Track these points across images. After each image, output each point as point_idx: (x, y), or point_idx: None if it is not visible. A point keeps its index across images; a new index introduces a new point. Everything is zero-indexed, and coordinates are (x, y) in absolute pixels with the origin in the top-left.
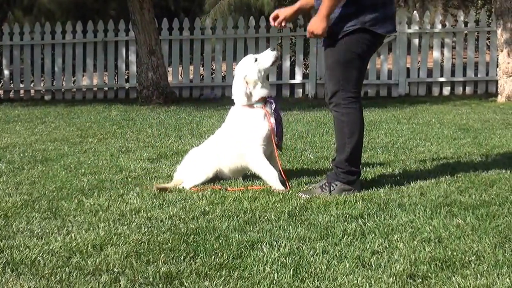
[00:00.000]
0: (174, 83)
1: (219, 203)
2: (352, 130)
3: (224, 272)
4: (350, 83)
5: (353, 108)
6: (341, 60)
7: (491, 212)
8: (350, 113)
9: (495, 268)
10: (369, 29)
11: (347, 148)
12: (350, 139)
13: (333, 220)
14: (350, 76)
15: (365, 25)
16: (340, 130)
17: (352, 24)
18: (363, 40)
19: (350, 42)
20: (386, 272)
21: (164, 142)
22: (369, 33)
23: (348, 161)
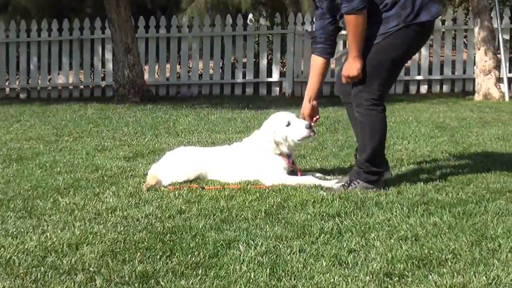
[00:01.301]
0: (151, 81)
1: (196, 202)
2: (372, 132)
3: (201, 271)
4: (376, 86)
5: (375, 110)
6: (372, 62)
7: (467, 210)
8: (371, 114)
9: (472, 266)
10: (413, 23)
11: (368, 149)
12: (371, 140)
13: (310, 219)
14: (378, 79)
15: (408, 21)
16: (362, 131)
17: (394, 25)
18: (404, 40)
19: (387, 45)
20: (363, 270)
21: (140, 140)
22: (413, 27)
23: (369, 162)
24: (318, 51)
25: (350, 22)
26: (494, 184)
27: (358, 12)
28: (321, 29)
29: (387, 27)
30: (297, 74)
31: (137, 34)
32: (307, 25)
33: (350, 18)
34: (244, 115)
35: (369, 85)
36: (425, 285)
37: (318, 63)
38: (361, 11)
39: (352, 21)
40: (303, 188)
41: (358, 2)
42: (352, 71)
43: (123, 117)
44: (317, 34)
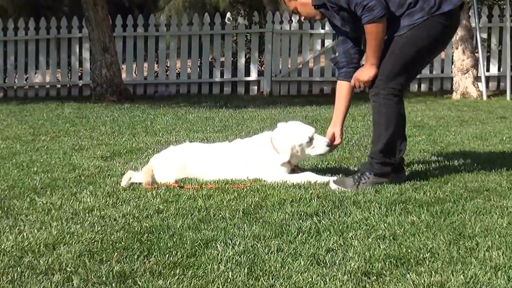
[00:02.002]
0: (128, 80)
1: (173, 202)
2: (388, 122)
3: (178, 270)
4: (397, 77)
5: (392, 100)
6: (396, 53)
7: (445, 209)
8: (388, 104)
9: (450, 265)
10: (437, 14)
11: (382, 139)
12: (386, 131)
13: (288, 218)
14: (400, 70)
15: (432, 12)
16: (377, 121)
17: (419, 17)
18: (429, 32)
19: (412, 36)
20: (341, 269)
21: (117, 140)
22: (438, 19)
23: (382, 152)
24: (342, 75)
25: (371, 31)
26: (472, 183)
27: (378, 20)
28: (343, 53)
29: (412, 20)
30: (275, 73)
31: (114, 33)
32: (285, 24)
33: (372, 27)
34: (222, 114)
35: (390, 76)
36: (403, 284)
37: (343, 87)
38: (381, 20)
39: (373, 30)
40: (281, 187)
41: (378, 11)
42: (365, 76)
43: (101, 116)
44: (339, 59)
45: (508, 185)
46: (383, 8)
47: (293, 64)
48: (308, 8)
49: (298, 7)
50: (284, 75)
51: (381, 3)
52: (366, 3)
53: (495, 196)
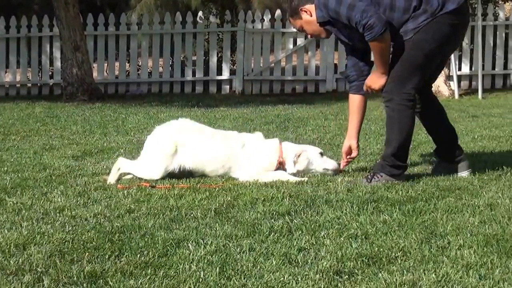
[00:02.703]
0: (100, 79)
1: (145, 201)
2: (401, 127)
3: (150, 270)
4: (409, 82)
5: (406, 106)
6: (405, 58)
7: (417, 208)
8: (402, 110)
9: (421, 264)
10: (441, 14)
11: (394, 143)
12: (398, 135)
13: (260, 217)
14: (410, 75)
15: (436, 13)
16: (390, 125)
17: (423, 19)
18: (435, 34)
19: (419, 40)
20: (313, 269)
21: (89, 139)
22: (443, 20)
23: (394, 156)
24: (353, 89)
25: (375, 46)
26: (444, 182)
27: (380, 37)
28: (353, 67)
29: (417, 23)
30: (247, 72)
31: (85, 31)
32: (257, 23)
33: (375, 44)
34: (194, 114)
35: (402, 81)
36: (375, 283)
37: (355, 101)
38: (383, 35)
39: (377, 46)
40: (253, 187)
41: (379, 28)
42: (375, 85)
43: (72, 115)
44: (349, 72)
45: (479, 183)
46: (382, 24)
47: (265, 63)
48: (314, 26)
49: (303, 26)
50: (256, 74)
51: (380, 19)
52: (365, 22)
53: (467, 194)
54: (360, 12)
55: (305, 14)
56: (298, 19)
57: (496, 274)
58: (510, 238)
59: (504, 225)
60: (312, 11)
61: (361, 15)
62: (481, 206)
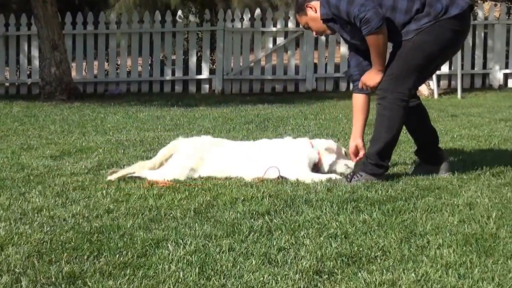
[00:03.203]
0: (78, 78)
1: (124, 201)
2: (391, 125)
3: (129, 271)
4: (404, 82)
5: (398, 105)
6: (404, 57)
7: (397, 207)
8: (394, 109)
9: (401, 263)
10: (444, 18)
11: (381, 141)
12: (387, 134)
13: (240, 217)
14: (408, 75)
15: (439, 17)
16: (379, 123)
17: (426, 21)
18: (437, 37)
19: (420, 41)
20: (293, 268)
21: (67, 139)
22: (446, 24)
23: (378, 155)
24: (357, 88)
25: (372, 42)
26: (423, 181)
27: (376, 31)
28: (356, 66)
29: (419, 24)
30: (227, 71)
31: (64, 30)
32: (236, 22)
33: (371, 38)
34: (173, 113)
35: (399, 81)
36: (355, 283)
37: (359, 100)
38: (379, 30)
39: (373, 40)
40: (233, 186)
41: (375, 22)
42: (371, 82)
43: (50, 115)
44: (352, 72)
45: (458, 183)
46: (379, 19)
47: (245, 62)
48: (318, 23)
49: (309, 22)
50: (236, 73)
51: (377, 14)
52: (362, 16)
53: (446, 194)
54: (359, 6)
55: (311, 10)
56: (303, 16)
57: (475, 273)
58: (489, 238)
59: (483, 224)
60: (317, 7)
61: (359, 9)
62: (461, 206)
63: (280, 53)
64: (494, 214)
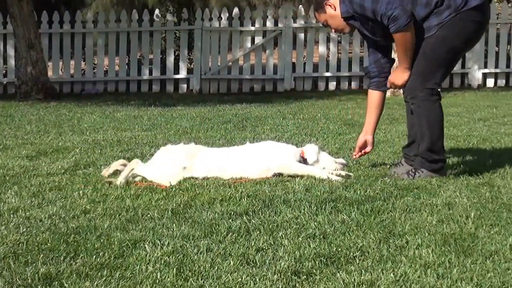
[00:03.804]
0: (55, 78)
1: (101, 202)
2: (430, 121)
3: (106, 272)
4: (431, 77)
5: (430, 100)
6: (428, 53)
7: (375, 207)
8: (427, 105)
9: (380, 264)
10: (465, 10)
11: (426, 138)
12: (429, 130)
13: (218, 218)
14: (434, 71)
15: (459, 9)
16: (419, 121)
17: (447, 15)
18: (459, 30)
19: (443, 36)
20: (271, 269)
21: (43, 139)
22: (467, 16)
23: (429, 150)
24: (373, 85)
25: (399, 39)
26: (402, 181)
27: (404, 29)
28: (374, 63)
29: (441, 18)
30: (204, 71)
31: (40, 29)
32: (214, 21)
33: (399, 36)
34: (151, 113)
35: (425, 77)
36: (333, 283)
37: (375, 97)
38: (407, 28)
39: (401, 38)
40: (211, 186)
41: (404, 20)
42: (399, 80)
43: (26, 115)
44: (370, 68)
45: (437, 183)
46: (407, 16)
47: (223, 61)
48: (338, 21)
49: (328, 20)
50: (214, 73)
51: (405, 11)
52: (390, 14)
53: (425, 194)
54: (385, 4)
55: (330, 8)
56: (322, 13)
57: (454, 273)
58: (468, 237)
59: (462, 224)
60: (336, 5)
61: (386, 7)
62: (439, 205)
63: (259, 53)
64: (472, 214)
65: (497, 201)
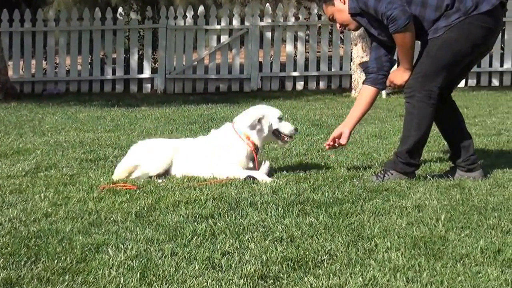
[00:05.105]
0: (15, 77)
1: (62, 205)
2: (420, 124)
3: (68, 276)
4: (433, 79)
5: (427, 103)
6: (433, 55)
7: (344, 210)
8: (422, 107)
9: (348, 267)
10: (474, 14)
11: (410, 140)
12: (416, 132)
13: (183, 221)
14: (435, 72)
15: (469, 13)
16: (409, 122)
17: (456, 18)
18: (468, 34)
19: (450, 39)
20: (237, 273)
21: (3, 140)
22: (476, 21)
23: (409, 153)
24: (369, 80)
25: (399, 40)
26: (371, 183)
27: (403, 29)
28: (375, 59)
29: (449, 21)
30: (169, 70)
31: (0, 28)
32: (179, 19)
33: (398, 36)
34: (114, 113)
35: (427, 78)
36: (301, 287)
37: (367, 92)
38: (406, 28)
39: (400, 39)
40: (176, 189)
41: (402, 21)
42: (398, 80)
43: None
44: (370, 64)
45: (407, 184)
46: (406, 17)
47: (188, 61)
48: (344, 15)
49: (334, 14)
50: (179, 72)
51: (404, 12)
52: (389, 14)
53: (394, 196)
54: (386, 3)
55: (339, 1)
56: (330, 6)
57: (423, 277)
58: (438, 240)
59: (432, 226)
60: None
61: (386, 7)
62: (409, 208)
63: (224, 52)
64: (443, 216)
65: (467, 203)
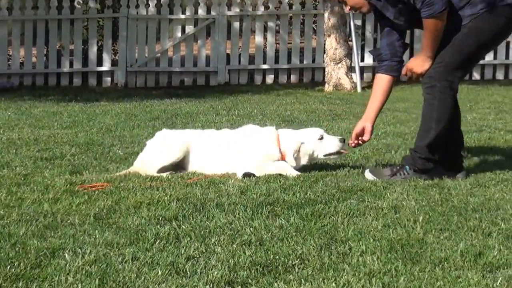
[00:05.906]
0: None
1: (16, 206)
2: (440, 116)
3: (21, 283)
4: (455, 70)
5: (448, 94)
6: (457, 43)
7: (316, 211)
8: (443, 99)
9: (320, 272)
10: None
11: (431, 133)
12: (437, 125)
13: (144, 223)
14: (458, 62)
15: (495, 4)
16: (428, 114)
17: (482, 7)
18: (492, 25)
19: (475, 28)
20: (203, 279)
21: None
22: (503, 12)
23: (429, 147)
24: (383, 68)
25: (430, 25)
26: (345, 183)
27: (438, 15)
28: (387, 45)
29: (475, 10)
30: (130, 63)
31: None
32: (141, 8)
33: (430, 22)
34: (71, 109)
35: (450, 68)
36: None
37: (383, 81)
38: (441, 15)
39: (432, 25)
40: (137, 189)
41: (439, 6)
42: (419, 68)
43: None
44: (383, 51)
45: (383, 184)
46: (444, 3)
47: (150, 53)
48: None
49: None
50: (141, 65)
51: None
52: None
53: (370, 196)
54: None
55: None
56: None
57: (400, 282)
58: (416, 243)
59: (409, 229)
60: None
61: None
62: (385, 209)
63: (190, 43)
64: (421, 218)
65: (447, 204)
